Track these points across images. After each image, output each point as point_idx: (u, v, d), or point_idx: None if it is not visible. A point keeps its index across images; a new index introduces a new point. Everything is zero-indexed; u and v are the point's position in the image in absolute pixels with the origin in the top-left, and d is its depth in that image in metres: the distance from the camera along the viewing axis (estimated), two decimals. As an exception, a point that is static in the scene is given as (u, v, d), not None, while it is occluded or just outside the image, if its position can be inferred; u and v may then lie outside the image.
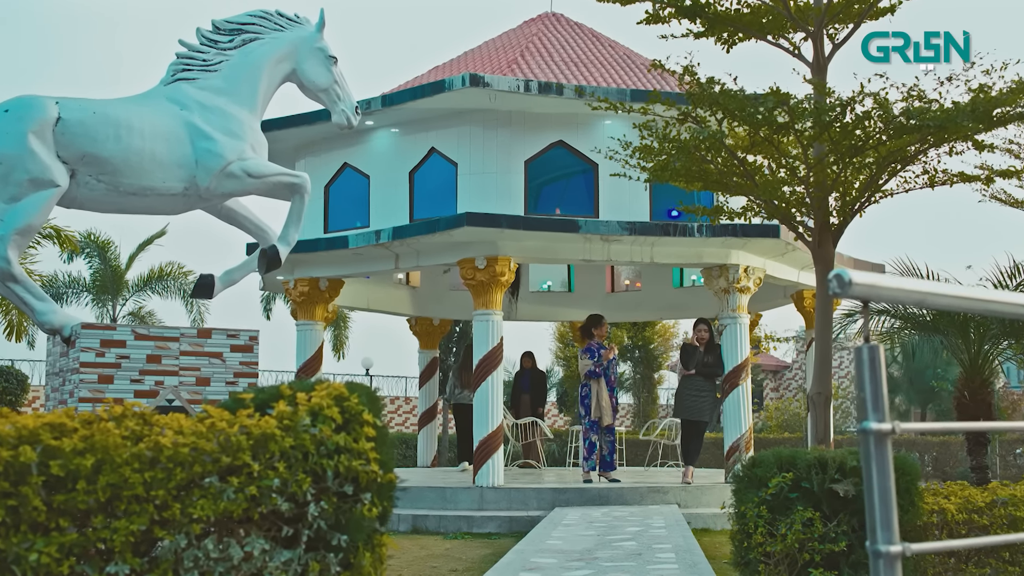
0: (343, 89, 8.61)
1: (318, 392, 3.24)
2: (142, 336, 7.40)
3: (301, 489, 3.04)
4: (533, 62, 14.32)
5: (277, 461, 3.02)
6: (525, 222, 12.43)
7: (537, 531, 9.24)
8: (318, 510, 3.08)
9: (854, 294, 2.40)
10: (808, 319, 15.52)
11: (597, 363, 12.91)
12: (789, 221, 8.44)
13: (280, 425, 3.09)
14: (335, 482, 3.13)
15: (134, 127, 7.62)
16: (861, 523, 4.56)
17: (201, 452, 2.91)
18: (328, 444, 3.12)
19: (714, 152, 8.01)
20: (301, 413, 3.14)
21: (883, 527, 2.40)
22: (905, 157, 7.90)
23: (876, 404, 2.37)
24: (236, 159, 7.88)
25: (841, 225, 8.29)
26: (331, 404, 3.21)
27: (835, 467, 4.59)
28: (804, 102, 7.56)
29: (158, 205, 7.91)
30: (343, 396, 3.27)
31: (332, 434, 3.15)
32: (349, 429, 3.22)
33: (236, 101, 8.12)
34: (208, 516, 2.88)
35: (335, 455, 3.13)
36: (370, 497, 3.18)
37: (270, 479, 2.98)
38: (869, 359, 2.39)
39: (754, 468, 4.88)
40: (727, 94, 7.53)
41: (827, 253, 8.19)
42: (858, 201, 8.10)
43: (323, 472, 3.11)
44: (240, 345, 7.66)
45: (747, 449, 13.13)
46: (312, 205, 14.70)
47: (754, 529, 4.68)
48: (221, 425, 2.99)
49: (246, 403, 3.23)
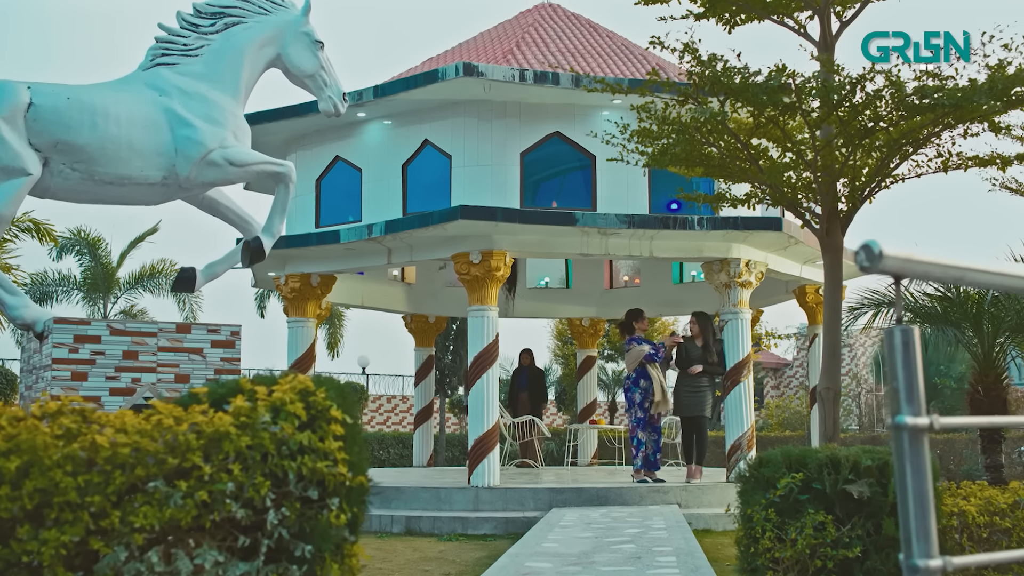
0: (330, 75, 8.28)
1: (281, 386, 2.92)
2: (118, 331, 7.07)
3: (259, 494, 2.72)
4: (529, 52, 14.00)
5: (232, 463, 2.69)
6: (521, 215, 12.11)
7: (533, 533, 8.92)
8: (279, 517, 2.75)
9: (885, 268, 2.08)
10: (811, 315, 15.22)
11: (653, 346, 12.40)
12: (795, 208, 8.08)
13: (236, 423, 2.77)
14: (298, 486, 2.80)
15: (110, 113, 7.28)
16: (877, 527, 4.24)
17: (144, 453, 2.58)
18: (290, 443, 2.80)
19: (716, 135, 7.66)
20: (260, 409, 2.81)
21: (920, 538, 2.07)
22: (918, 139, 7.54)
23: (911, 395, 2.05)
24: (217, 147, 7.55)
25: (850, 211, 7.93)
26: (295, 399, 2.88)
27: (848, 467, 4.27)
28: (811, 80, 7.21)
29: (136, 195, 7.58)
30: (309, 391, 2.95)
31: (295, 432, 2.82)
32: (315, 427, 2.90)
33: (218, 87, 7.78)
34: (152, 525, 2.56)
35: (298, 456, 2.81)
36: (338, 502, 2.86)
37: (223, 483, 2.66)
38: (902, 343, 2.07)
39: (761, 468, 4.54)
40: (730, 72, 7.18)
41: (835, 241, 7.83)
42: (868, 186, 7.73)
43: (284, 475, 2.78)
44: (221, 341, 7.33)
45: (749, 447, 12.81)
46: (303, 199, 14.41)
47: (761, 533, 4.35)
48: (168, 423, 2.66)
49: (200, 398, 2.90)
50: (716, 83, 7.21)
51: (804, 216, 8.14)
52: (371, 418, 30.92)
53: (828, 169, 7.54)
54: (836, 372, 7.64)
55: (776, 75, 7.03)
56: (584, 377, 18.82)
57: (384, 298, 17.45)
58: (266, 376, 3.05)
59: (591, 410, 18.47)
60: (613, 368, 28.92)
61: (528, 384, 17.06)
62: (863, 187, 7.71)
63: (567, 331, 25.32)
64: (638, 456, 12.62)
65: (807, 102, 7.34)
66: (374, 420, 31.13)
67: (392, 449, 22.25)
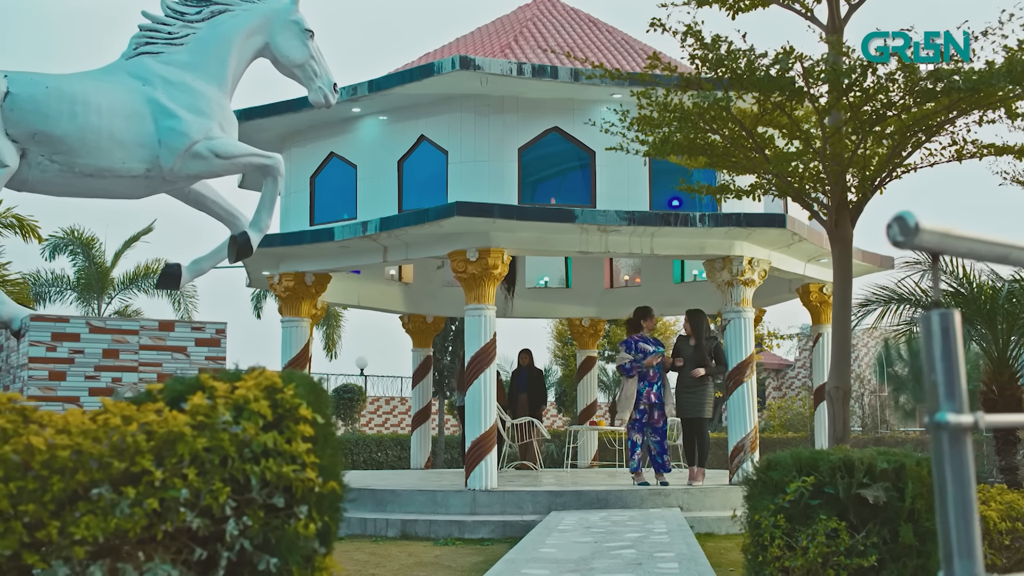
0: (320, 65, 8.03)
1: (245, 382, 2.65)
2: (98, 329, 6.80)
3: (217, 501, 2.45)
4: (527, 47, 13.75)
5: (186, 467, 2.43)
6: (518, 212, 11.83)
7: (530, 538, 8.65)
8: (239, 527, 2.48)
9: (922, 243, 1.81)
10: (814, 314, 14.95)
11: (635, 361, 12.18)
12: (803, 198, 7.77)
13: (192, 422, 2.49)
14: (262, 492, 2.53)
15: (91, 103, 7.02)
16: (893, 534, 3.96)
17: (87, 456, 2.31)
18: (253, 445, 2.53)
19: (719, 122, 7.36)
20: (220, 408, 2.54)
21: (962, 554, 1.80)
22: (931, 126, 7.23)
23: (951, 389, 1.78)
24: (203, 138, 7.29)
25: (860, 202, 7.62)
26: (260, 397, 2.61)
27: (863, 470, 3.99)
28: (820, 63, 6.90)
29: (118, 188, 7.31)
30: (275, 387, 2.68)
31: (259, 433, 2.55)
32: (282, 427, 2.62)
33: (203, 77, 7.53)
34: (96, 536, 2.29)
35: (262, 459, 2.54)
36: (307, 510, 2.58)
37: (176, 489, 2.39)
38: (941, 329, 1.80)
39: (769, 471, 4.26)
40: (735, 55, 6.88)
41: (845, 233, 7.52)
42: (878, 175, 7.43)
43: (246, 480, 2.51)
44: (206, 339, 7.06)
45: (752, 449, 12.54)
46: (297, 196, 14.15)
47: (770, 541, 4.07)
48: (115, 422, 2.39)
49: (155, 396, 2.63)
50: (720, 67, 6.91)
51: (812, 207, 7.84)
52: (369, 420, 30.65)
53: (837, 158, 7.23)
54: (846, 370, 7.34)
55: (783, 57, 6.73)
56: (584, 378, 18.56)
57: (381, 298, 17.19)
58: (231, 371, 2.78)
59: (591, 411, 18.21)
60: (614, 369, 28.64)
61: (527, 385, 16.81)
62: (873, 176, 7.40)
63: (567, 331, 25.05)
64: (634, 458, 12.35)
65: (815, 86, 7.04)
66: (372, 422, 30.85)
67: (390, 451, 22.01)
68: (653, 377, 12.26)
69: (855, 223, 7.60)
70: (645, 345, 12.33)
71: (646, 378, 12.20)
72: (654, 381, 12.26)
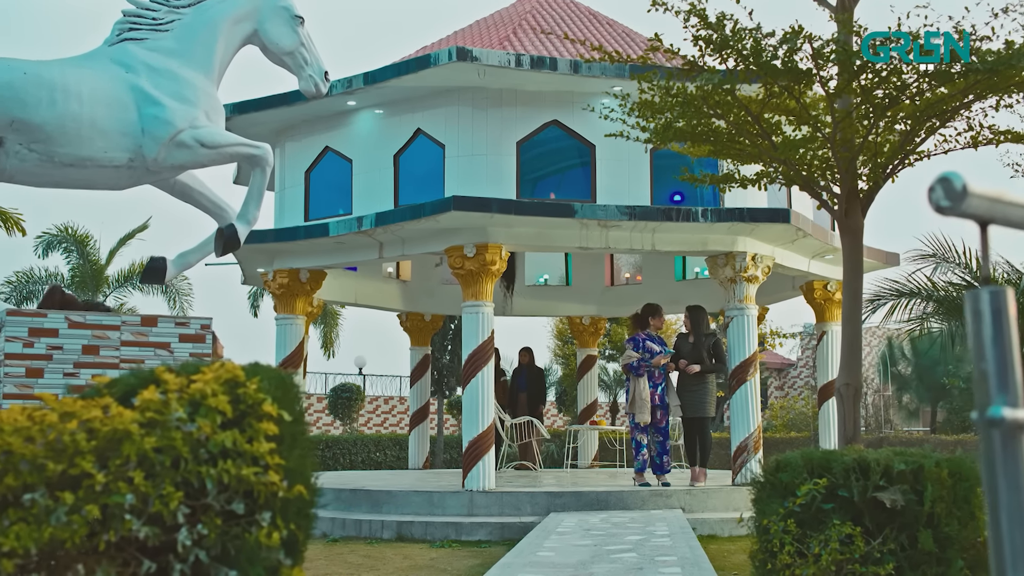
0: (310, 52, 7.76)
1: (203, 376, 2.39)
2: (77, 324, 6.54)
3: (168, 507, 2.19)
4: (526, 39, 13.49)
5: (132, 469, 2.16)
6: (517, 206, 11.57)
7: (528, 541, 8.39)
8: (193, 536, 2.22)
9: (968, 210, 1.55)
10: (818, 311, 14.69)
11: (642, 360, 11.92)
12: (811, 187, 7.48)
13: (142, 419, 2.24)
14: (219, 497, 2.28)
15: (71, 90, 6.76)
16: (912, 540, 3.70)
17: (17, 457, 2.05)
18: (209, 445, 2.27)
19: (724, 107, 7.07)
20: (173, 403, 2.28)
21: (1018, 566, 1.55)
22: (946, 111, 6.94)
23: (1004, 380, 1.52)
24: (188, 127, 7.03)
25: (871, 191, 7.31)
26: (219, 391, 2.35)
27: (879, 471, 3.72)
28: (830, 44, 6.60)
29: (100, 178, 7.05)
30: (237, 381, 2.42)
31: (216, 432, 2.29)
32: (243, 425, 2.36)
33: (189, 64, 7.26)
34: (27, 547, 2.03)
35: (219, 460, 2.28)
36: (270, 517, 2.32)
37: (121, 494, 2.13)
38: (992, 310, 1.54)
39: (779, 473, 3.98)
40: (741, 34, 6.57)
41: (855, 223, 7.22)
42: (891, 163, 7.14)
43: (202, 484, 2.25)
44: (190, 335, 6.80)
45: (756, 449, 12.28)
46: (292, 192, 13.90)
47: (780, 547, 3.81)
48: (52, 420, 2.13)
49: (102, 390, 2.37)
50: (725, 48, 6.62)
51: (821, 196, 7.55)
52: (368, 419, 30.40)
53: (848, 143, 6.93)
54: (856, 367, 7.05)
55: (791, 37, 6.44)
56: (585, 377, 18.31)
57: (379, 296, 16.95)
58: (191, 364, 2.52)
59: (592, 411, 17.96)
60: (615, 368, 28.39)
61: (527, 384, 16.56)
62: (885, 164, 7.10)
63: (567, 330, 24.80)
64: (638, 458, 12.09)
65: (825, 68, 6.75)
66: (371, 421, 30.60)
67: (389, 451, 21.79)
68: (659, 378, 12.01)
69: (866, 213, 7.30)
70: (652, 344, 12.07)
71: (651, 378, 11.96)
72: (659, 382, 12.00)
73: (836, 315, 14.71)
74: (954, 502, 3.79)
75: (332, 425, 28.13)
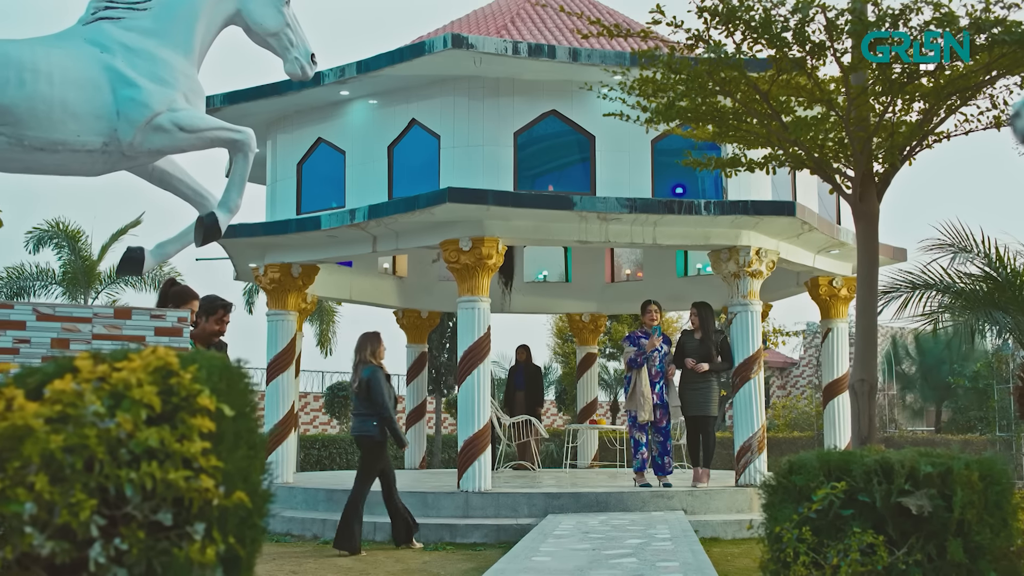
0: (296, 34, 7.41)
1: (129, 363, 2.04)
2: (45, 316, 6.17)
3: (78, 518, 1.83)
4: (524, 28, 13.14)
5: (35, 472, 1.81)
6: (514, 198, 11.22)
7: (523, 545, 8.04)
8: (110, 552, 1.87)
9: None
10: (824, 308, 14.33)
11: (640, 352, 11.60)
12: (824, 170, 7.08)
13: (50, 414, 1.88)
14: (143, 506, 1.92)
15: (41, 71, 6.42)
16: (940, 550, 3.35)
17: None
18: (131, 444, 1.92)
19: (731, 84, 6.68)
20: (89, 395, 1.93)
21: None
22: (968, 87, 6.55)
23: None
24: (165, 110, 6.68)
25: (887, 174, 6.92)
26: (146, 381, 2.00)
27: (904, 474, 3.37)
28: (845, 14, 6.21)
29: (72, 163, 6.70)
30: (170, 370, 2.06)
31: (141, 428, 1.94)
32: (175, 421, 2.01)
33: (168, 44, 6.92)
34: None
35: (143, 462, 1.92)
36: (204, 530, 1.97)
37: (19, 502, 1.78)
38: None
39: (792, 475, 3.63)
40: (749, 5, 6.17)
41: (870, 208, 6.83)
42: (908, 143, 6.76)
43: (120, 490, 1.90)
44: (167, 328, 6.43)
45: (760, 449, 11.93)
46: (284, 184, 13.55)
47: (794, 557, 3.46)
48: (-64, 414, 1.78)
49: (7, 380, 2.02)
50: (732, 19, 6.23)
51: (834, 180, 7.16)
52: (366, 418, 29.95)
53: (863, 122, 6.55)
54: (872, 361, 6.66)
55: (804, 5, 6.05)
56: (584, 375, 17.98)
57: (374, 292, 16.61)
58: (120, 350, 2.17)
59: (591, 410, 17.62)
60: (615, 367, 28.04)
61: (525, 382, 16.24)
62: (903, 144, 6.72)
63: (567, 328, 24.46)
64: (637, 457, 11.74)
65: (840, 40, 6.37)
66: (369, 420, 30.17)
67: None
68: (656, 376, 11.66)
69: (882, 197, 6.90)
70: (644, 339, 11.78)
71: (650, 376, 11.62)
72: (657, 380, 11.65)
73: (842, 312, 14.36)
74: (985, 508, 3.45)
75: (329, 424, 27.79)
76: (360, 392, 9.54)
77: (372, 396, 9.44)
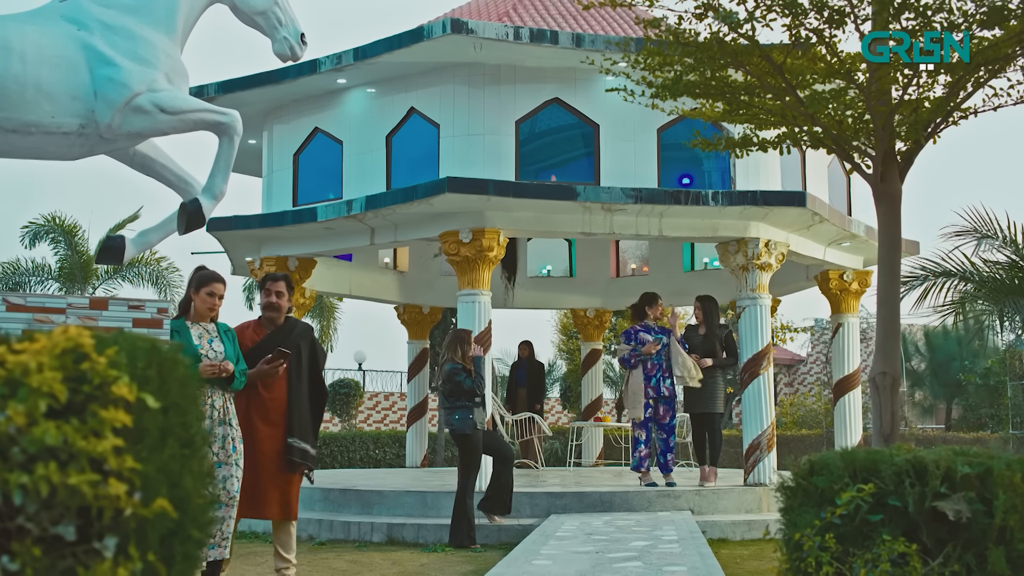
0: (285, 12, 7.08)
1: (31, 345, 1.70)
2: (16, 307, 5.84)
3: (-46, 533, 1.49)
4: (526, 14, 12.79)
5: (-102, 477, 1.47)
6: (515, 188, 10.87)
7: (523, 547, 7.70)
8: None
9: None
10: (834, 303, 13.98)
11: (634, 350, 11.23)
12: (842, 147, 6.70)
13: (-76, 405, 1.54)
14: (40, 517, 1.58)
15: (13, 49, 6.10)
16: (980, 560, 3.00)
17: None
18: (24, 442, 1.57)
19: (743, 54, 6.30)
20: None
21: None
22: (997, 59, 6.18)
23: None
24: (145, 90, 6.36)
25: (910, 152, 6.55)
26: (49, 366, 1.66)
27: (939, 476, 3.01)
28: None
29: (48, 146, 6.37)
30: (82, 352, 1.72)
31: (39, 423, 1.60)
32: (84, 415, 1.67)
33: (149, 22, 6.59)
34: None
35: (40, 463, 1.58)
36: (115, 544, 1.63)
37: None
38: None
39: (813, 476, 3.28)
40: None
41: (892, 188, 6.44)
42: (933, 120, 6.38)
43: (9, 497, 1.56)
44: (145, 319, 6.10)
45: (769, 447, 11.58)
46: (281, 175, 13.23)
47: (815, 567, 3.11)
48: None
49: None
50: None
51: (853, 159, 6.78)
52: (367, 416, 29.74)
53: (885, 96, 6.18)
54: (895, 353, 6.28)
55: None
56: (589, 372, 17.65)
57: (374, 287, 16.28)
58: (28, 331, 1.82)
59: (596, 407, 17.28)
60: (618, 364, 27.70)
61: (527, 379, 15.91)
62: (927, 120, 6.34)
63: (572, 324, 24.12)
64: (635, 455, 11.35)
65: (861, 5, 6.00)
66: (370, 418, 29.94)
67: (388, 448, 21.15)
68: (652, 370, 11.23)
69: (904, 177, 6.52)
70: (645, 335, 11.34)
71: (645, 370, 11.22)
72: (653, 374, 11.23)
73: (852, 306, 14.00)
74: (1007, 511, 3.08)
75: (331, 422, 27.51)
76: (444, 387, 9.49)
77: (457, 389, 9.41)
